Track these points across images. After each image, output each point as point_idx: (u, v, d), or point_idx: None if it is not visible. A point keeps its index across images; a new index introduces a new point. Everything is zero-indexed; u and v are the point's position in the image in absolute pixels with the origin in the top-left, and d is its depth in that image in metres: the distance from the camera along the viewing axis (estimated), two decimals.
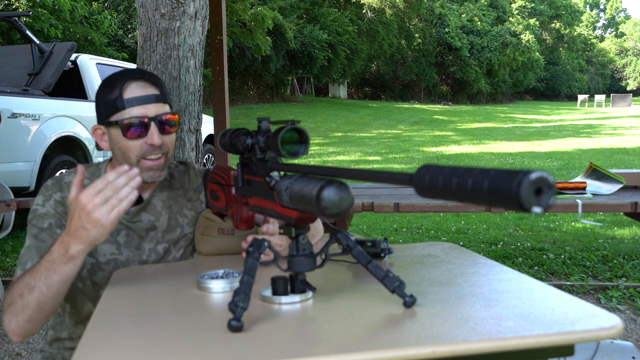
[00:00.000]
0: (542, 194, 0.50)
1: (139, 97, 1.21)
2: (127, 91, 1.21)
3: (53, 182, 1.31)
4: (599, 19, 76.19)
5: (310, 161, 10.05)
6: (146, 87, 1.23)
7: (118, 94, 1.21)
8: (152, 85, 1.24)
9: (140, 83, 1.23)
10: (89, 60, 5.82)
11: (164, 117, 1.24)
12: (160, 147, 1.24)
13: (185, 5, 2.12)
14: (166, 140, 1.26)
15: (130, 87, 1.22)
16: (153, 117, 1.22)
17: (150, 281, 1.11)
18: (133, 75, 1.24)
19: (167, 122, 1.25)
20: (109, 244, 1.31)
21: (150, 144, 1.22)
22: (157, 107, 1.23)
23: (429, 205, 2.53)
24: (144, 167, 1.24)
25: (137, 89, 1.22)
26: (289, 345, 0.71)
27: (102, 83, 1.26)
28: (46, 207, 1.28)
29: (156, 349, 0.72)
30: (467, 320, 0.76)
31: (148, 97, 1.22)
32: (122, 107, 1.21)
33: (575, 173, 7.92)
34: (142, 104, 1.21)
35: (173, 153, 1.31)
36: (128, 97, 1.21)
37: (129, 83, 1.22)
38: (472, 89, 38.13)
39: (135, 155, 1.23)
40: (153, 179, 1.26)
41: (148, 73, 1.27)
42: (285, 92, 28.26)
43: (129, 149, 1.23)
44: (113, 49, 13.52)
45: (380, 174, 0.65)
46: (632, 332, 2.75)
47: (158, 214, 1.35)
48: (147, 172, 1.25)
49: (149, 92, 1.23)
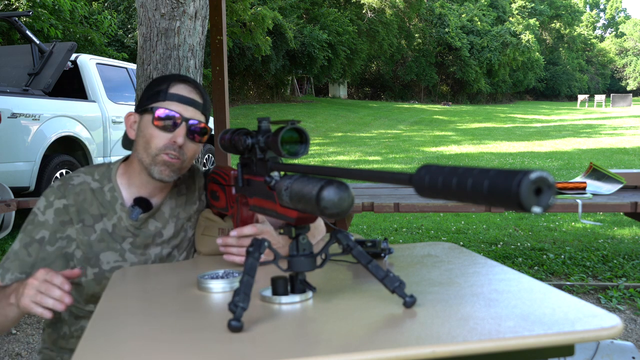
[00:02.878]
0: (542, 193, 0.50)
1: (182, 96, 1.26)
2: (173, 88, 1.27)
3: (58, 185, 1.30)
4: (599, 19, 76.19)
5: (310, 161, 10.05)
6: (192, 92, 1.28)
7: (165, 88, 1.26)
8: (197, 93, 1.29)
9: (188, 87, 1.28)
10: (89, 60, 5.82)
11: (196, 123, 1.27)
12: (180, 149, 1.26)
13: (185, 5, 2.12)
14: (188, 147, 1.27)
15: (178, 86, 1.27)
16: (187, 117, 1.25)
17: (150, 281, 1.11)
18: (185, 79, 1.30)
19: (197, 129, 1.27)
20: (112, 252, 1.30)
21: (173, 142, 1.24)
22: (194, 112, 1.27)
23: (429, 205, 2.53)
24: (159, 161, 1.25)
25: (183, 89, 1.27)
26: (289, 345, 0.71)
27: (154, 79, 1.33)
28: (46, 214, 1.27)
29: (156, 349, 0.72)
30: (467, 320, 0.76)
31: (190, 99, 1.27)
32: (164, 99, 1.25)
33: (575, 173, 7.92)
34: (182, 102, 1.26)
35: (189, 164, 1.32)
36: (172, 92, 1.26)
37: (179, 83, 1.28)
38: (472, 89, 38.13)
39: (156, 147, 1.24)
40: (162, 176, 1.26)
41: (199, 84, 1.33)
42: (285, 92, 28.26)
43: (153, 139, 1.25)
44: (113, 49, 13.51)
45: (380, 174, 0.65)
46: (632, 332, 2.75)
47: (165, 221, 1.35)
48: (159, 166, 1.25)
49: (192, 97, 1.27)
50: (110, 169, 1.34)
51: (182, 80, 1.29)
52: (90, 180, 1.31)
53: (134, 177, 1.31)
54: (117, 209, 1.30)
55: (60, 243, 1.27)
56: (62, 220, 1.27)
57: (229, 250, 1.16)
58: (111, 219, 1.29)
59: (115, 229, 1.29)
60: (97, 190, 1.30)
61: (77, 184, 1.30)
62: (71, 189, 1.29)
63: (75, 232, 1.28)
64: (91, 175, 1.32)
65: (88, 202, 1.29)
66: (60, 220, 1.27)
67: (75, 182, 1.30)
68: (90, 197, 1.29)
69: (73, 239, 1.28)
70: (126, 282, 1.10)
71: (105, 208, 1.29)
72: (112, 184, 1.31)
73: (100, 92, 5.75)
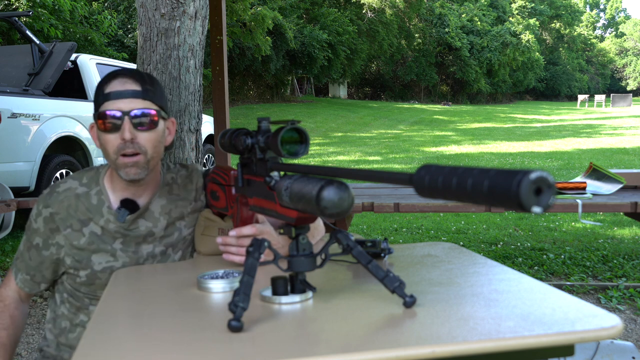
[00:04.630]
0: (541, 193, 0.50)
1: (116, 92, 1.22)
2: (108, 87, 1.23)
3: (47, 194, 1.32)
4: (599, 19, 76.19)
5: (310, 161, 10.05)
6: (126, 83, 1.23)
7: (101, 90, 1.24)
8: (134, 82, 1.24)
9: (122, 79, 1.24)
10: (89, 60, 5.81)
11: (139, 113, 1.22)
12: (134, 144, 1.22)
13: (185, 5, 2.12)
14: (142, 138, 1.23)
15: (112, 83, 1.23)
16: (127, 111, 1.21)
17: (150, 281, 1.11)
18: (118, 73, 1.26)
19: (143, 118, 1.22)
20: (103, 253, 1.30)
21: (121, 138, 1.21)
22: (133, 102, 1.22)
23: (429, 205, 2.53)
24: (120, 163, 1.23)
25: (117, 84, 1.23)
26: (289, 345, 0.71)
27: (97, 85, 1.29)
28: (38, 222, 1.31)
29: (156, 349, 0.72)
30: (467, 320, 0.76)
31: (125, 92, 1.22)
32: (102, 101, 1.23)
33: (575, 173, 7.92)
34: (118, 98, 1.21)
35: (155, 154, 1.27)
36: (107, 92, 1.22)
37: (112, 80, 1.24)
38: (472, 89, 38.14)
39: (112, 152, 1.23)
40: (129, 176, 1.24)
41: (135, 71, 1.27)
42: (285, 92, 28.26)
43: (107, 144, 1.23)
44: (113, 49, 13.51)
45: (380, 174, 0.65)
46: (632, 332, 2.75)
47: (156, 220, 1.34)
48: (123, 169, 1.24)
49: (127, 88, 1.23)
50: (99, 173, 1.35)
51: (115, 75, 1.25)
52: (76, 186, 1.32)
53: (116, 180, 1.31)
54: (104, 211, 1.30)
55: (52, 249, 1.31)
56: (51, 228, 1.30)
57: (229, 250, 1.16)
58: (99, 222, 1.30)
59: (104, 231, 1.30)
60: (82, 194, 1.31)
61: (61, 191, 1.31)
62: (55, 197, 1.30)
63: (63, 239, 1.30)
64: (79, 180, 1.33)
65: (73, 207, 1.30)
66: (49, 227, 1.30)
67: (60, 190, 1.31)
68: (75, 203, 1.30)
69: (62, 245, 1.30)
70: (126, 282, 1.10)
71: (91, 212, 1.30)
72: (99, 187, 1.32)
73: None
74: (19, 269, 1.36)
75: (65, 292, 1.36)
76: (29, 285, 1.36)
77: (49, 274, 1.35)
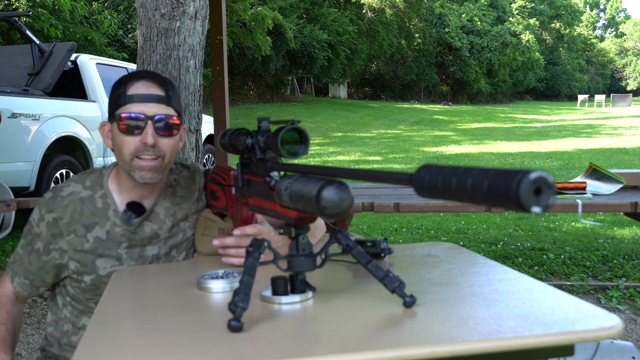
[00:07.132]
0: (541, 193, 0.50)
1: (141, 95, 1.22)
2: (131, 88, 1.22)
3: (49, 198, 1.30)
4: (599, 19, 76.18)
5: (310, 161, 10.05)
6: (150, 86, 1.24)
7: (123, 91, 1.23)
8: (157, 86, 1.24)
9: (146, 82, 1.24)
10: (89, 60, 5.82)
11: (163, 118, 1.23)
12: (154, 148, 1.22)
13: (185, 5, 2.12)
14: (162, 143, 1.24)
15: (135, 85, 1.23)
16: (151, 115, 1.21)
17: (151, 281, 1.11)
18: (140, 75, 1.25)
19: (165, 124, 1.23)
20: (108, 258, 1.29)
21: (143, 143, 1.21)
22: (158, 107, 1.23)
23: (429, 205, 2.53)
24: (136, 166, 1.23)
25: (141, 87, 1.23)
26: (289, 345, 0.71)
27: (115, 83, 1.28)
28: (40, 227, 1.30)
29: (156, 349, 0.72)
30: (467, 320, 0.76)
31: (150, 96, 1.22)
32: (124, 102, 1.22)
33: (575, 173, 7.92)
34: (142, 101, 1.21)
35: (171, 159, 1.28)
36: (130, 94, 1.22)
37: (135, 81, 1.24)
38: (472, 89, 38.13)
39: (129, 153, 1.22)
40: (145, 180, 1.24)
41: (157, 75, 1.27)
42: (285, 92, 28.26)
43: (124, 145, 1.22)
44: (113, 49, 13.51)
45: (380, 174, 0.65)
46: (632, 332, 2.75)
47: (161, 222, 1.34)
48: (139, 171, 1.23)
49: (152, 92, 1.23)
50: (102, 175, 1.33)
51: (139, 77, 1.25)
52: (80, 189, 1.30)
53: (123, 182, 1.30)
54: (110, 215, 1.29)
55: (54, 254, 1.30)
56: (53, 233, 1.28)
57: (227, 251, 1.16)
58: (104, 226, 1.29)
59: (110, 235, 1.29)
60: (87, 198, 1.29)
61: (65, 195, 1.29)
62: (59, 202, 1.29)
63: (66, 244, 1.28)
64: (82, 184, 1.31)
65: (78, 212, 1.28)
66: (52, 233, 1.28)
67: (64, 194, 1.29)
68: (80, 207, 1.28)
69: (65, 250, 1.29)
70: (126, 282, 1.10)
71: (97, 216, 1.29)
72: (104, 190, 1.30)
73: (100, 92, 5.74)
74: (15, 272, 1.34)
75: (68, 296, 1.35)
76: (27, 289, 1.35)
77: (49, 278, 1.33)
